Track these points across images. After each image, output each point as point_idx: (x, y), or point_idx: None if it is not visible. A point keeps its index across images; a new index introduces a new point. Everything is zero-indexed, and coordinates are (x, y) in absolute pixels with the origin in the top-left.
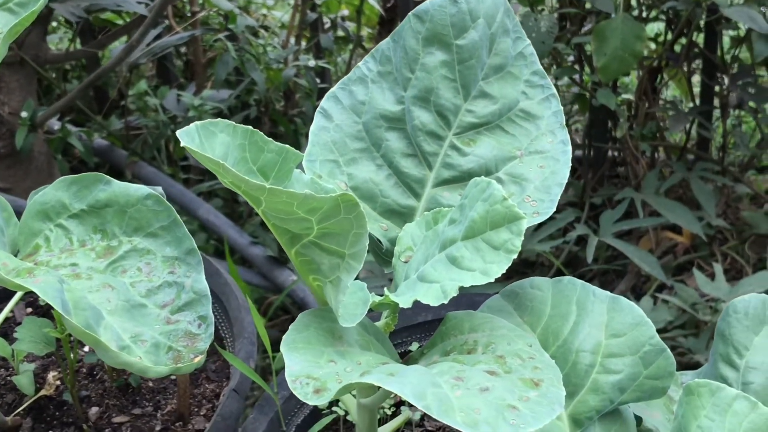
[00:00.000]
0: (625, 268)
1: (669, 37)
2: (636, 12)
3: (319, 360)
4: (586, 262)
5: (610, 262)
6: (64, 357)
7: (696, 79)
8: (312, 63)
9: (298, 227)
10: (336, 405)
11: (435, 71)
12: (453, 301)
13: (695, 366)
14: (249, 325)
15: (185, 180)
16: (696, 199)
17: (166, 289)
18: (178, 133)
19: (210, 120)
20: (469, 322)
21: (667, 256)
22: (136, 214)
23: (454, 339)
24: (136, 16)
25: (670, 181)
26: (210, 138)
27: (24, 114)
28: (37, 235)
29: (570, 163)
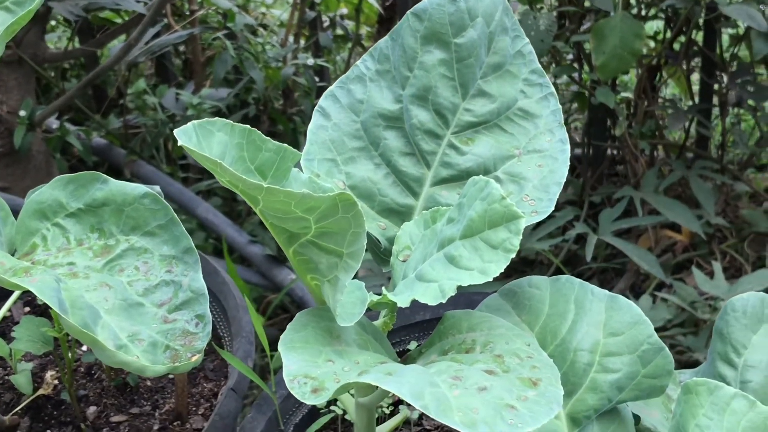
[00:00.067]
0: (624, 266)
1: (668, 35)
2: (635, 10)
3: (317, 359)
4: (585, 260)
5: (609, 260)
6: (62, 356)
7: (695, 77)
8: (311, 61)
9: (295, 226)
10: (334, 404)
11: (433, 70)
12: (451, 299)
13: (694, 364)
14: (247, 324)
15: (184, 179)
16: (695, 197)
17: (164, 288)
18: (176, 132)
19: (207, 119)
20: (468, 321)
21: (666, 255)
22: (133, 213)
23: (452, 338)
24: (134, 15)
25: (670, 180)
26: (207, 137)
27: (22, 113)
28: (34, 234)
29: (568, 162)
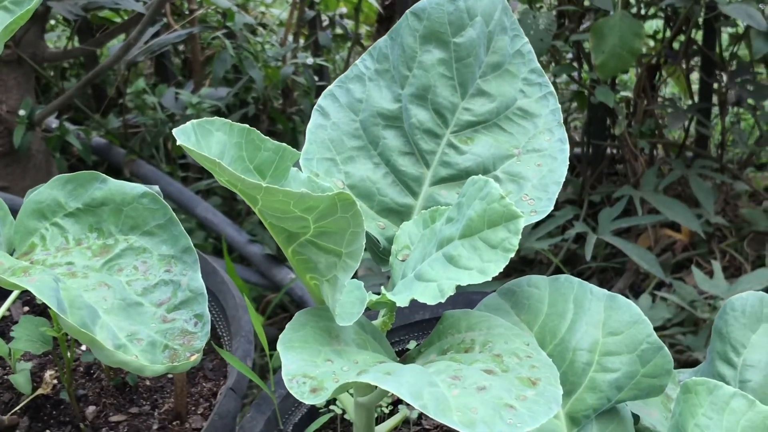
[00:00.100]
0: (623, 265)
1: (667, 34)
2: (634, 9)
3: (316, 359)
4: (585, 259)
5: (609, 259)
6: (61, 356)
7: (695, 76)
8: (310, 61)
9: (294, 226)
10: (333, 404)
11: (432, 69)
12: (450, 299)
13: (694, 363)
14: (246, 324)
15: (183, 178)
16: (695, 196)
17: (162, 288)
18: (175, 131)
19: (206, 118)
20: (467, 321)
21: (666, 254)
22: (132, 213)
23: (451, 338)
24: (133, 14)
25: (669, 179)
26: (206, 136)
27: (22, 112)
28: (33, 234)
29: (567, 162)
